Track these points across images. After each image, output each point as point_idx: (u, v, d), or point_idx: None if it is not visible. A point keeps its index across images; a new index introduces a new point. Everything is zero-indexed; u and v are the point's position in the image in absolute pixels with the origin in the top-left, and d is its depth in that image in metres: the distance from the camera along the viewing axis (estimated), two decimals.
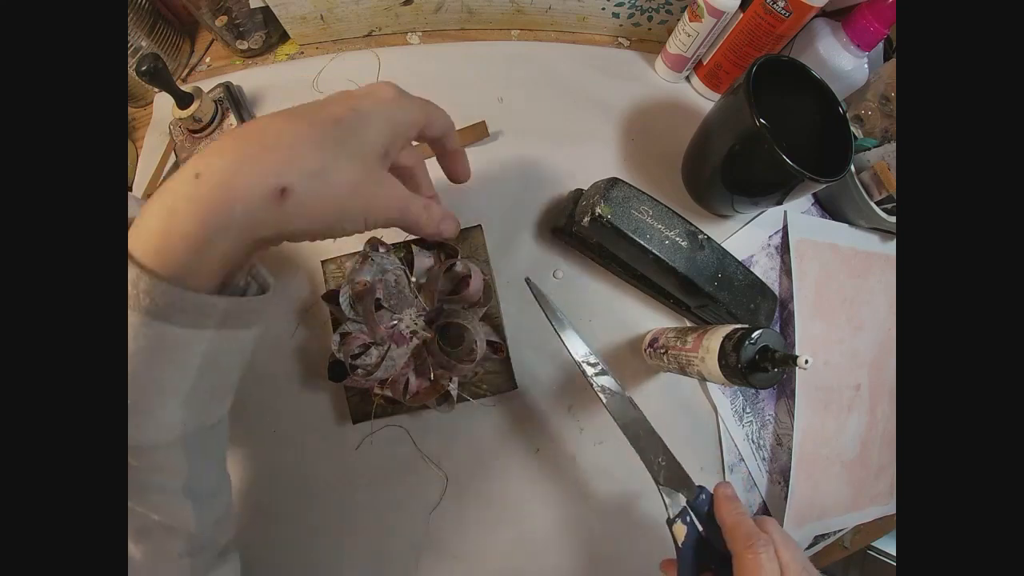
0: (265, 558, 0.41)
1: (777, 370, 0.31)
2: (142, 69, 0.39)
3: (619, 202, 0.39)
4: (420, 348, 0.40)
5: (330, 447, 0.43)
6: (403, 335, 0.39)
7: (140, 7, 0.46)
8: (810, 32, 0.46)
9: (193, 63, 0.53)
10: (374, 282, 0.39)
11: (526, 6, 0.51)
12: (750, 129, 0.37)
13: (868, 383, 0.49)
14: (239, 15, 0.48)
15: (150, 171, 0.49)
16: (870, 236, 0.51)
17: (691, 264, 0.40)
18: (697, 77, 0.52)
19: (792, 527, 0.45)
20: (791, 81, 0.41)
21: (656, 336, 0.42)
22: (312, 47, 0.53)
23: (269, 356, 0.44)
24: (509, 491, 0.43)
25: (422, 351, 0.40)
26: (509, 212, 0.47)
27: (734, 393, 0.46)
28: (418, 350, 0.40)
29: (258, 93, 0.50)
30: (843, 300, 0.49)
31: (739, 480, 0.45)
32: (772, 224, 0.49)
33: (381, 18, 0.51)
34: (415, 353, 0.40)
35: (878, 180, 0.47)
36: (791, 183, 0.39)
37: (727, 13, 0.44)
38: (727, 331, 0.33)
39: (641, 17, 0.52)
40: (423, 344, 0.40)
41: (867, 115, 0.49)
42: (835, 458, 0.47)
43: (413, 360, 0.40)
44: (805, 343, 0.46)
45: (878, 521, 0.50)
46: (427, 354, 0.40)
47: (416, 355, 0.40)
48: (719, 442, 0.45)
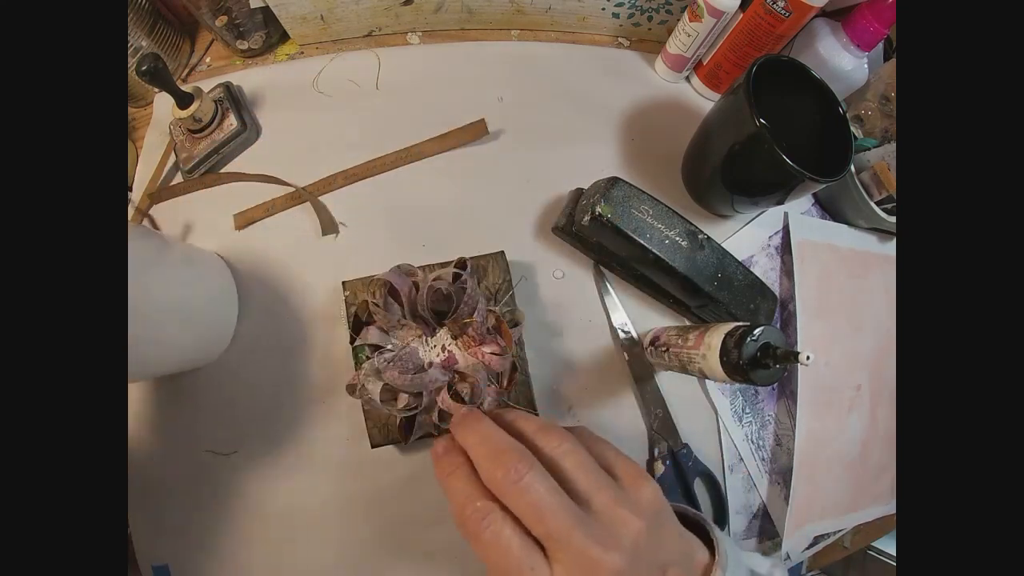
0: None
1: (778, 367, 0.31)
2: (142, 69, 0.39)
3: (619, 201, 0.39)
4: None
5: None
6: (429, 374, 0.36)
7: (140, 7, 0.46)
8: (810, 32, 0.46)
9: (193, 63, 0.53)
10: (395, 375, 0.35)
11: (526, 6, 0.51)
12: (750, 129, 0.37)
13: (868, 383, 0.49)
14: (239, 15, 0.48)
15: (150, 171, 0.49)
16: (870, 236, 0.51)
17: (691, 264, 0.40)
18: (697, 77, 0.52)
19: (792, 527, 0.45)
20: (791, 81, 0.41)
21: (657, 334, 0.42)
22: (312, 47, 0.53)
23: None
24: None
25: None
26: (509, 211, 0.47)
27: (734, 393, 0.46)
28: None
29: (258, 93, 0.50)
30: (843, 300, 0.49)
31: (739, 480, 0.45)
32: (772, 224, 0.49)
33: (381, 18, 0.51)
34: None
35: (878, 180, 0.47)
36: (791, 183, 0.39)
37: (727, 13, 0.44)
38: (729, 328, 0.33)
39: (641, 17, 0.52)
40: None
41: (867, 115, 0.49)
42: (836, 459, 0.47)
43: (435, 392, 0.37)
44: (806, 343, 0.46)
45: (878, 521, 0.50)
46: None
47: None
48: (719, 442, 0.45)
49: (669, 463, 0.43)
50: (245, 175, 0.48)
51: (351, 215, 0.47)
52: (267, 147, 0.49)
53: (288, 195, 0.47)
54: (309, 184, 0.47)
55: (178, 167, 0.48)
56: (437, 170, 0.48)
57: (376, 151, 0.48)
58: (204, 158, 0.47)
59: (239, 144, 0.48)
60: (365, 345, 0.39)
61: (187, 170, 0.47)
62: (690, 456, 0.44)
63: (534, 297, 0.46)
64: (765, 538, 0.46)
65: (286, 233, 0.47)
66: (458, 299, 0.37)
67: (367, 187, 0.47)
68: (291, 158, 0.48)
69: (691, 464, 0.44)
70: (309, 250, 0.46)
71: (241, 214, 0.47)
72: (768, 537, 0.46)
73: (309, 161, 0.48)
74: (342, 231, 0.46)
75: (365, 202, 0.47)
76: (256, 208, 0.47)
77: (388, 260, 0.46)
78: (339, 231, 0.46)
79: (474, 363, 0.38)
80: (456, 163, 0.48)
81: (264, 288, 0.45)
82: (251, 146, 0.49)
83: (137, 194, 0.49)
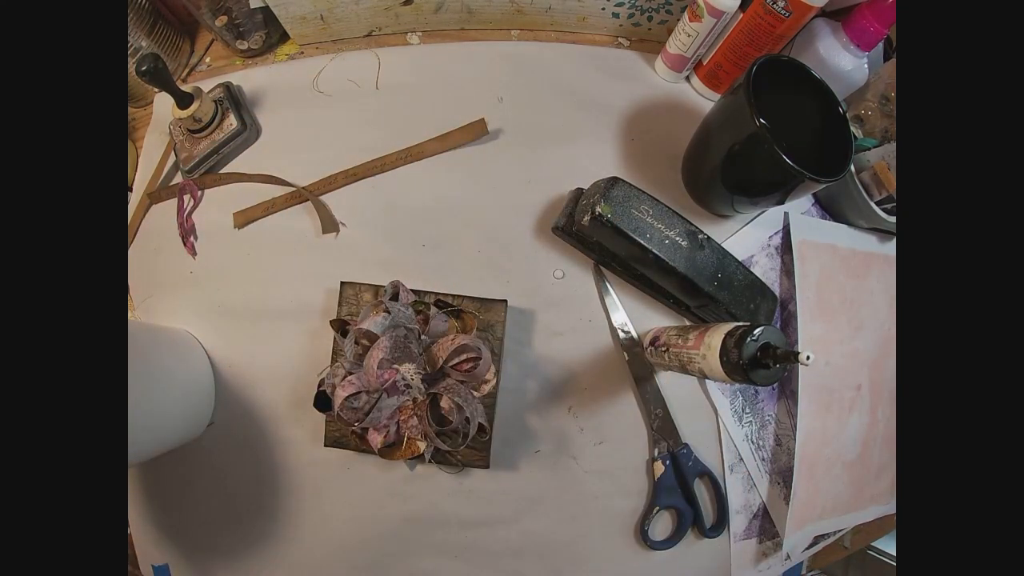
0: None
1: (778, 367, 0.31)
2: (142, 69, 0.39)
3: (619, 201, 0.39)
4: (409, 406, 0.38)
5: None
6: (397, 387, 0.36)
7: (140, 7, 0.46)
8: (810, 32, 0.46)
9: (193, 63, 0.53)
10: (383, 337, 0.36)
11: (526, 6, 0.51)
12: (750, 129, 0.37)
13: (869, 383, 0.49)
14: (239, 15, 0.48)
15: (150, 171, 0.49)
16: (870, 237, 0.51)
17: (691, 264, 0.40)
18: (697, 77, 0.52)
19: (793, 527, 0.45)
20: (791, 81, 0.41)
21: (657, 334, 0.42)
22: (312, 47, 0.53)
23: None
24: (509, 491, 0.43)
25: (409, 409, 0.38)
26: (509, 211, 0.47)
27: (734, 393, 0.46)
28: (405, 406, 0.38)
29: (258, 93, 0.50)
30: (843, 300, 0.49)
31: (739, 480, 0.45)
32: (772, 224, 0.49)
33: (381, 18, 0.51)
34: (402, 407, 0.38)
35: (878, 180, 0.46)
36: (791, 183, 0.39)
37: (727, 13, 0.44)
38: (729, 328, 0.33)
39: (641, 17, 0.52)
40: (413, 403, 0.38)
41: (867, 115, 0.49)
42: (836, 458, 0.47)
43: (399, 414, 0.38)
44: (806, 343, 0.46)
45: (878, 521, 0.50)
46: (414, 415, 0.38)
47: (402, 410, 0.38)
48: (719, 442, 0.45)
49: (669, 463, 0.44)
50: (246, 175, 0.48)
51: (351, 215, 0.47)
52: (267, 147, 0.49)
53: (288, 194, 0.47)
54: (309, 184, 0.47)
55: (178, 167, 0.48)
56: (437, 170, 0.48)
57: (376, 151, 0.48)
58: (204, 158, 0.47)
59: (239, 144, 0.48)
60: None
61: (187, 170, 0.47)
62: (690, 456, 0.44)
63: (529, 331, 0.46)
64: (765, 538, 0.46)
65: (286, 233, 0.47)
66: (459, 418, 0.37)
67: (367, 187, 0.47)
68: (291, 158, 0.48)
69: (691, 464, 0.44)
70: (308, 249, 0.46)
71: (241, 212, 0.47)
72: (768, 537, 0.46)
73: (309, 161, 0.48)
74: (342, 230, 0.46)
75: (365, 202, 0.47)
76: (256, 207, 0.47)
77: (388, 260, 0.46)
78: (339, 230, 0.46)
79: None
80: (456, 163, 0.48)
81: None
82: (251, 146, 0.49)
83: (137, 194, 0.49)
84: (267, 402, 0.44)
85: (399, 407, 0.38)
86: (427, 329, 0.39)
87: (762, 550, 0.46)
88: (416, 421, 0.38)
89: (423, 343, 0.38)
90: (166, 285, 0.47)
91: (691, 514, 0.44)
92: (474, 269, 0.46)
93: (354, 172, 0.47)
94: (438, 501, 0.43)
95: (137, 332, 0.38)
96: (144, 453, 0.37)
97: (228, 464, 0.44)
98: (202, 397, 0.43)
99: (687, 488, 0.44)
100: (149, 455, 0.38)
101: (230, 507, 0.44)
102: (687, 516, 0.44)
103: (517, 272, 0.46)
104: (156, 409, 0.37)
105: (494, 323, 0.42)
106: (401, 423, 0.38)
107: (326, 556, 0.43)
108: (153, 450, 0.38)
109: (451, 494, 0.43)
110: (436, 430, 0.37)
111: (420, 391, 0.37)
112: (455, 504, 0.43)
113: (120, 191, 0.46)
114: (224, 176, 0.48)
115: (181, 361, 0.42)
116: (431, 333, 0.39)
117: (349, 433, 0.40)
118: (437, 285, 0.44)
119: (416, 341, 0.38)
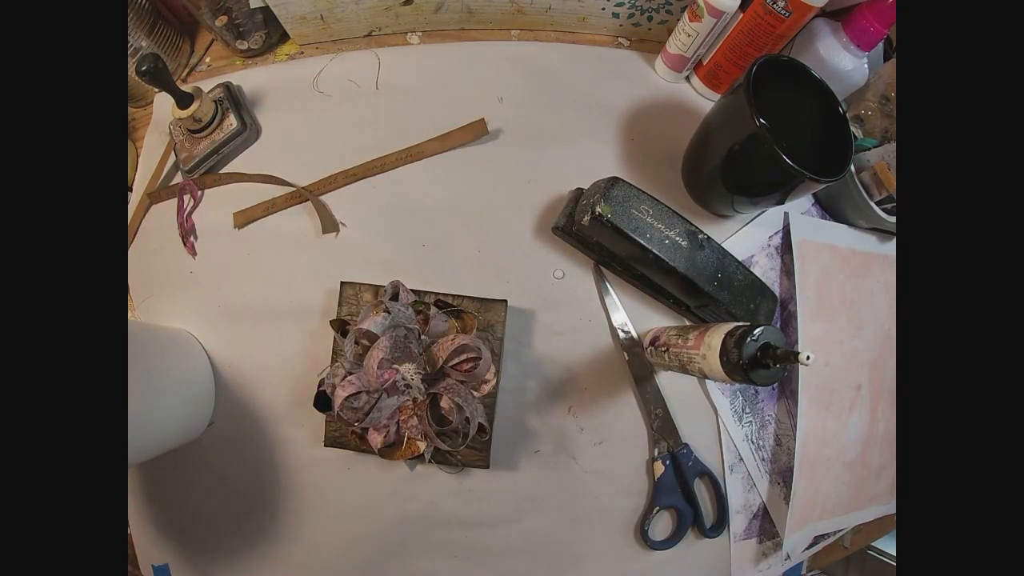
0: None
1: (778, 367, 0.31)
2: (142, 69, 0.39)
3: (619, 201, 0.39)
4: (409, 406, 0.38)
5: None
6: (397, 387, 0.36)
7: (140, 7, 0.46)
8: (810, 32, 0.46)
9: (193, 63, 0.53)
10: (383, 337, 0.36)
11: (526, 6, 0.51)
12: (750, 129, 0.37)
13: (869, 383, 0.49)
14: (239, 15, 0.48)
15: (150, 171, 0.49)
16: (870, 236, 0.51)
17: (691, 264, 0.40)
18: (697, 77, 0.52)
19: (793, 527, 0.45)
20: (791, 81, 0.41)
21: (657, 335, 0.42)
22: (312, 47, 0.53)
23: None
24: (509, 491, 0.44)
25: (409, 409, 0.38)
26: (509, 211, 0.47)
27: (734, 393, 0.46)
28: (405, 406, 0.38)
29: (258, 93, 0.50)
30: (843, 300, 0.49)
31: (739, 480, 0.45)
32: (772, 224, 0.49)
33: (381, 18, 0.51)
34: (402, 407, 0.38)
35: (878, 180, 0.46)
36: (791, 183, 0.39)
37: (727, 13, 0.44)
38: (729, 328, 0.33)
39: (641, 17, 0.52)
40: (413, 403, 0.38)
41: (867, 115, 0.49)
42: (836, 458, 0.47)
43: (399, 414, 0.38)
44: (806, 343, 0.46)
45: (878, 521, 0.50)
46: (414, 415, 0.38)
47: (403, 410, 0.38)
48: (719, 442, 0.45)
49: (669, 463, 0.44)
50: (245, 175, 0.48)
51: (351, 215, 0.47)
52: (267, 147, 0.49)
53: (288, 194, 0.47)
54: (309, 184, 0.47)
55: (178, 167, 0.48)
56: (437, 170, 0.48)
57: (376, 151, 0.48)
58: (204, 158, 0.47)
59: (239, 144, 0.48)
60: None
61: (187, 170, 0.47)
62: (690, 456, 0.44)
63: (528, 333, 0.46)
64: (765, 538, 0.46)
65: (286, 233, 0.47)
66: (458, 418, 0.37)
67: (367, 187, 0.47)
68: (291, 158, 0.48)
69: (691, 464, 0.44)
70: (308, 249, 0.46)
71: (241, 212, 0.47)
72: (768, 537, 0.46)
73: (309, 161, 0.48)
74: (342, 230, 0.46)
75: (365, 202, 0.47)
76: (256, 207, 0.47)
77: (388, 260, 0.46)
78: (339, 230, 0.46)
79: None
80: (456, 163, 0.48)
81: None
82: (251, 146, 0.49)
83: (137, 194, 0.49)
84: (267, 402, 0.44)
85: (399, 407, 0.38)
86: (427, 329, 0.39)
87: (762, 550, 0.46)
88: (416, 421, 0.38)
89: (423, 343, 0.38)
90: (166, 285, 0.47)
91: (691, 514, 0.44)
92: (474, 269, 0.46)
93: (354, 172, 0.47)
94: (438, 501, 0.43)
95: (137, 332, 0.38)
96: (144, 453, 0.37)
97: (228, 464, 0.44)
98: (202, 397, 0.43)
99: (687, 488, 0.44)
100: (149, 455, 0.38)
101: (230, 507, 0.44)
102: (687, 516, 0.44)
103: (517, 272, 0.46)
104: (156, 409, 0.37)
105: (494, 323, 0.42)
106: (401, 423, 0.38)
107: (326, 556, 0.43)
108: (153, 450, 0.38)
109: (451, 494, 0.43)
110: (436, 430, 0.37)
111: (420, 391, 0.37)
112: (455, 504, 0.43)
113: (120, 191, 0.46)
114: (224, 176, 0.48)
115: (181, 361, 0.42)
116: (431, 333, 0.39)
117: (349, 433, 0.40)
118: (437, 285, 0.44)
119: (416, 341, 0.38)
